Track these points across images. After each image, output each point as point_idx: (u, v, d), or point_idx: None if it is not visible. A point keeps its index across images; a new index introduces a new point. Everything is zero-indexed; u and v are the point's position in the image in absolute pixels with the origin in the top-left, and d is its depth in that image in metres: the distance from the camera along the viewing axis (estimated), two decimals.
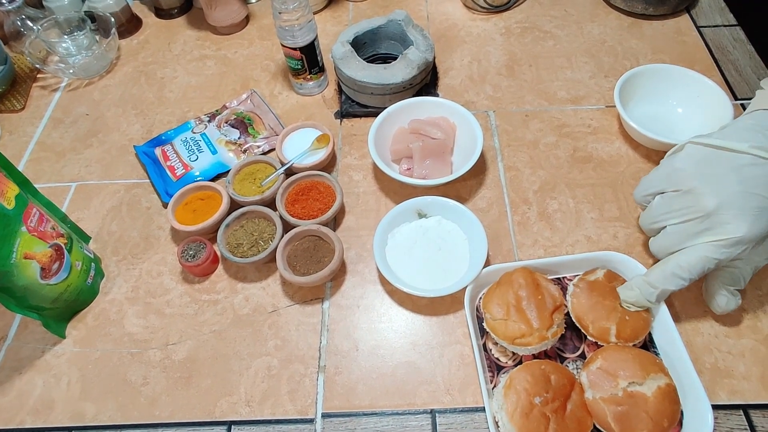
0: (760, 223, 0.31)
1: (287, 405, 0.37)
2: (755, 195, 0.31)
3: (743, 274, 0.35)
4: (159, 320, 0.42)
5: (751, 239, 0.31)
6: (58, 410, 0.38)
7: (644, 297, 0.34)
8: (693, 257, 0.33)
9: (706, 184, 0.32)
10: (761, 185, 0.31)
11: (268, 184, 0.46)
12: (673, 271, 0.33)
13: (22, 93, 0.60)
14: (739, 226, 0.31)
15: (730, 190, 0.32)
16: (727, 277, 0.35)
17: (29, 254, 0.36)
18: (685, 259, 0.33)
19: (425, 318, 0.41)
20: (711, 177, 0.32)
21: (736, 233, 0.31)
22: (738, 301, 0.36)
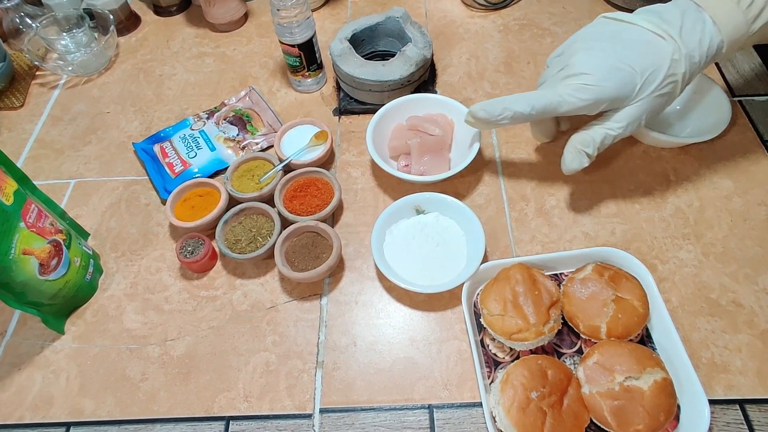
0: (612, 79, 0.33)
1: (285, 400, 0.37)
2: (617, 56, 0.34)
3: (594, 137, 0.36)
4: (157, 316, 0.42)
5: (597, 92, 0.34)
6: (57, 406, 0.38)
7: (487, 110, 0.37)
8: (545, 90, 0.36)
9: (586, 41, 0.36)
10: (628, 51, 0.34)
11: (266, 181, 0.46)
12: (525, 96, 0.36)
13: (21, 90, 0.60)
14: (589, 76, 0.34)
15: (599, 47, 0.35)
16: (580, 137, 0.37)
17: (28, 250, 0.36)
18: (540, 93, 0.36)
19: (423, 314, 0.41)
20: (593, 37, 0.36)
21: (586, 81, 0.34)
22: (583, 161, 0.37)
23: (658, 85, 0.34)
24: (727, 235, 0.43)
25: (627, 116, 0.35)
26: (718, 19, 0.33)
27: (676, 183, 0.47)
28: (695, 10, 0.34)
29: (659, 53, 0.33)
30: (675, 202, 0.45)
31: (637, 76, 0.33)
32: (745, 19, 0.33)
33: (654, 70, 0.33)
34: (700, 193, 0.46)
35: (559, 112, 0.35)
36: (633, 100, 0.34)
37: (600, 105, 0.35)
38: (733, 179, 0.46)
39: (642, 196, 0.46)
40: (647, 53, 0.33)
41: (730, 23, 0.33)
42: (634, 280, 0.37)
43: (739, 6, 0.33)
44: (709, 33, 0.33)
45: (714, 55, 0.34)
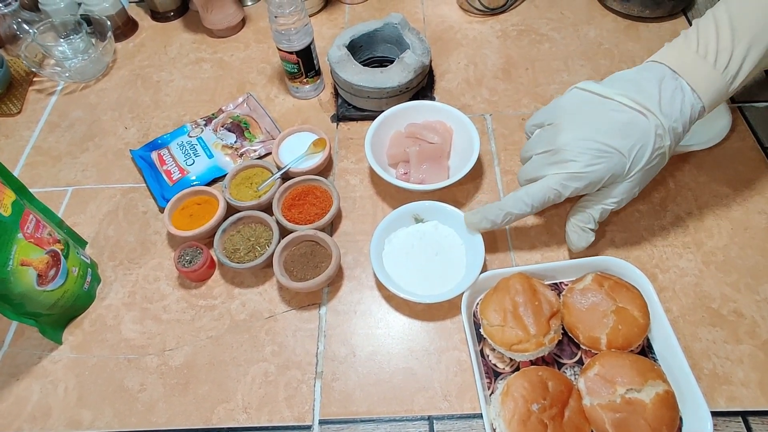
0: (596, 164, 0.34)
1: (284, 411, 0.37)
2: (602, 139, 0.33)
3: (593, 214, 0.37)
4: (156, 326, 0.42)
5: (588, 178, 0.34)
6: (55, 417, 0.38)
7: (488, 218, 0.38)
8: (538, 185, 0.36)
9: (569, 121, 0.35)
10: (610, 131, 0.33)
11: (264, 189, 0.46)
12: (520, 196, 0.36)
13: (18, 97, 0.59)
14: (577, 163, 0.34)
15: (583, 129, 0.34)
16: (579, 217, 0.38)
17: (26, 261, 0.36)
18: (533, 187, 0.36)
19: (422, 323, 0.40)
20: (577, 115, 0.35)
21: (572, 169, 0.34)
22: (589, 238, 0.38)
23: (647, 160, 0.34)
24: (728, 244, 0.43)
25: (621, 192, 0.35)
26: (697, 85, 0.33)
27: (676, 191, 0.46)
28: (672, 78, 0.33)
29: (643, 132, 0.33)
30: (675, 210, 0.45)
31: (625, 158, 0.33)
32: (724, 81, 0.33)
33: (641, 148, 0.33)
34: (699, 201, 0.45)
35: (556, 201, 0.36)
36: (625, 178, 0.35)
37: (594, 187, 0.35)
38: (732, 187, 0.46)
39: (641, 203, 0.46)
40: (631, 134, 0.33)
41: (710, 88, 0.33)
42: (635, 290, 0.37)
43: (716, 69, 0.32)
44: (690, 101, 0.33)
45: (696, 118, 0.34)
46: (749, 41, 0.32)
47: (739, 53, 0.32)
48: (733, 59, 0.32)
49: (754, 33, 0.32)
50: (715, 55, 0.32)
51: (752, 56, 0.32)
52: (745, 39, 0.32)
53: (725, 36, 0.32)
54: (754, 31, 0.32)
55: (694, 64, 0.33)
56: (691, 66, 0.33)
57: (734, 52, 0.32)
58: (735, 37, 0.32)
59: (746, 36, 0.32)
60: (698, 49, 0.33)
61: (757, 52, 0.32)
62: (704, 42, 0.33)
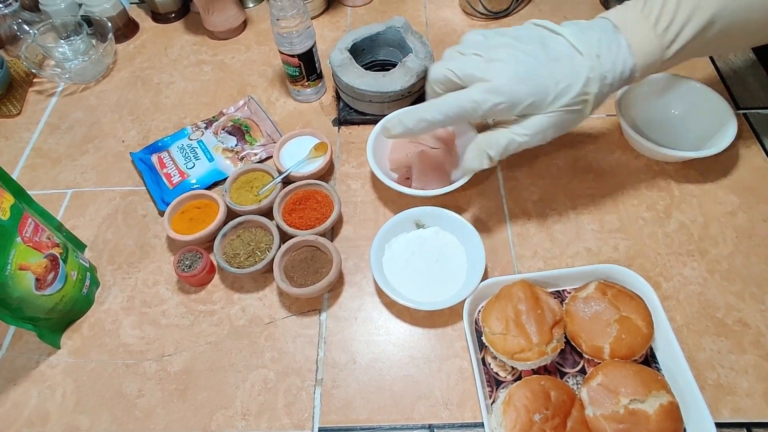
0: (521, 84, 0.33)
1: (284, 419, 0.37)
2: (536, 61, 0.33)
3: (499, 140, 0.35)
4: (154, 331, 0.42)
5: (509, 94, 0.33)
6: (52, 422, 0.38)
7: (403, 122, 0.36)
8: (455, 95, 0.35)
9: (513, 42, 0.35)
10: (545, 58, 0.33)
11: (265, 194, 0.46)
12: (436, 103, 0.35)
13: (18, 98, 0.59)
14: (503, 76, 0.33)
15: (521, 49, 0.34)
16: (485, 137, 0.36)
17: (24, 265, 0.36)
18: (450, 96, 0.35)
19: (423, 330, 0.40)
20: (518, 39, 0.35)
21: (497, 81, 0.33)
22: (484, 162, 0.36)
23: (570, 99, 0.33)
24: (733, 252, 0.42)
25: (534, 125, 0.34)
26: (633, 42, 0.33)
27: (680, 198, 0.46)
28: (613, 31, 0.34)
29: (576, 68, 0.33)
30: (679, 218, 0.45)
31: (551, 87, 0.33)
32: (660, 43, 0.33)
33: (568, 84, 0.33)
34: (704, 208, 0.45)
35: (473, 117, 0.35)
36: (544, 110, 0.34)
37: (512, 110, 0.34)
38: (737, 194, 0.46)
39: (645, 210, 0.45)
40: (565, 66, 0.33)
41: (645, 47, 0.33)
42: (638, 298, 0.36)
43: (655, 30, 0.33)
44: (623, 56, 0.34)
45: (627, 78, 0.35)
46: (693, 8, 0.33)
47: (681, 18, 0.33)
48: (674, 23, 0.33)
49: (699, 2, 0.33)
50: (658, 16, 0.33)
51: (693, 24, 0.33)
52: (690, 6, 0.33)
53: (672, 1, 0.33)
54: (701, 2, 0.33)
55: (635, 21, 0.34)
56: (632, 23, 0.34)
57: (676, 16, 0.33)
58: (681, 2, 0.33)
59: (692, 2, 0.33)
60: (643, 9, 0.34)
61: (700, 20, 0.33)
62: (652, 2, 0.34)
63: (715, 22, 0.33)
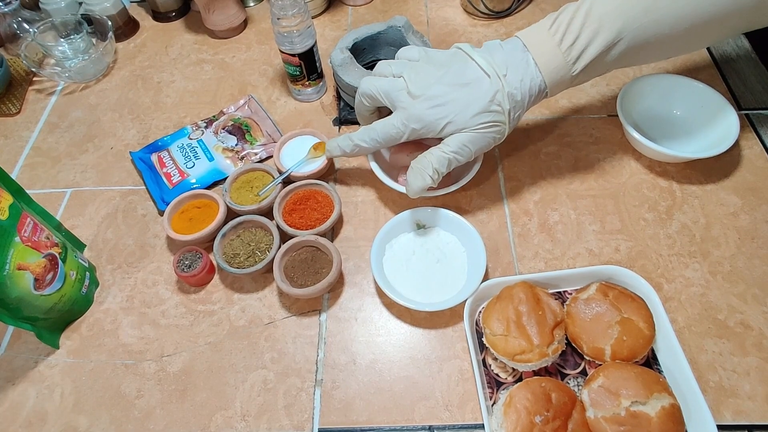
0: (433, 109, 0.36)
1: (283, 420, 0.37)
2: (443, 87, 0.36)
3: (431, 160, 0.38)
4: (154, 331, 0.41)
5: (424, 120, 0.37)
6: (51, 422, 0.38)
7: (340, 147, 0.42)
8: (383, 123, 0.39)
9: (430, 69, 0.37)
10: (455, 83, 0.36)
11: (265, 194, 0.46)
12: (368, 131, 0.40)
13: (18, 97, 0.59)
14: (419, 105, 0.37)
15: (435, 78, 0.37)
16: (418, 160, 0.39)
17: (23, 265, 0.36)
18: (379, 124, 0.39)
19: (424, 331, 0.40)
20: (437, 65, 0.38)
21: (412, 110, 0.37)
22: (426, 181, 0.39)
23: (482, 118, 0.36)
24: (735, 254, 0.42)
25: (457, 143, 0.37)
26: (539, 60, 0.35)
27: (682, 199, 0.46)
28: (521, 50, 0.36)
29: (483, 91, 0.36)
30: (681, 219, 0.45)
31: (461, 110, 0.36)
32: (565, 61, 0.35)
33: (477, 106, 0.36)
34: (706, 209, 0.45)
35: (400, 140, 0.39)
36: (463, 130, 0.37)
37: (433, 132, 0.37)
38: (740, 195, 0.45)
39: (647, 211, 0.45)
40: (474, 89, 0.36)
41: (551, 65, 0.35)
42: (640, 300, 0.36)
43: (560, 48, 0.34)
44: (530, 74, 0.35)
45: (537, 94, 0.36)
46: (597, 27, 0.34)
47: (585, 37, 0.34)
48: (578, 41, 0.34)
49: (605, 19, 0.34)
50: (563, 35, 0.34)
51: (598, 42, 0.34)
52: (595, 24, 0.34)
53: (578, 20, 0.34)
54: (607, 17, 0.33)
55: (542, 40, 0.35)
56: (539, 42, 0.35)
57: (580, 35, 0.34)
58: (587, 21, 0.34)
59: (596, 21, 0.34)
60: (551, 28, 0.35)
61: (604, 39, 0.34)
62: (559, 22, 0.35)
63: (621, 39, 0.34)
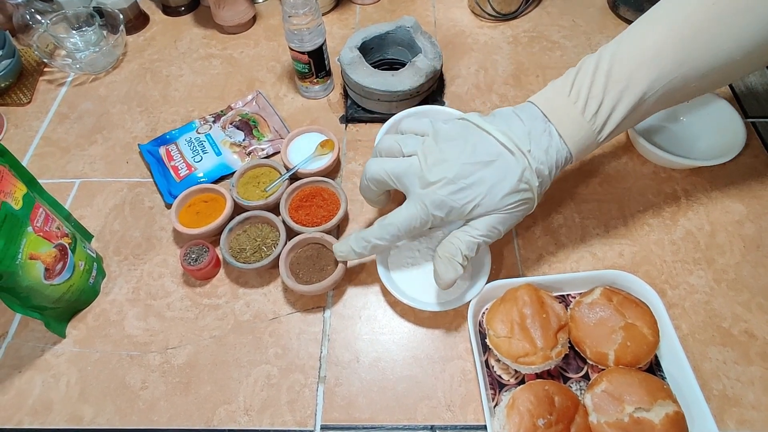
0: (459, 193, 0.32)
1: (286, 415, 0.37)
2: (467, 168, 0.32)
3: (459, 246, 0.34)
4: (159, 323, 0.42)
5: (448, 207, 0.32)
6: (56, 411, 0.38)
7: (354, 250, 0.37)
8: (401, 213, 0.34)
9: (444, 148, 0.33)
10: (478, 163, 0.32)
11: (272, 190, 0.46)
12: (381, 224, 0.35)
13: (29, 87, 0.59)
14: (432, 189, 0.33)
15: (454, 158, 0.33)
16: (444, 248, 0.35)
17: (34, 255, 0.36)
18: (398, 215, 0.35)
19: (427, 331, 0.40)
20: (452, 143, 0.33)
21: (426, 193, 0.33)
22: (458, 269, 0.34)
23: (510, 200, 0.32)
24: (740, 262, 0.42)
25: (483, 225, 0.33)
26: (563, 131, 0.32)
27: (687, 205, 0.46)
28: (543, 122, 0.32)
29: (509, 169, 0.32)
30: (685, 225, 0.45)
31: (488, 192, 0.32)
32: (591, 129, 0.32)
33: (504, 187, 0.32)
34: (711, 216, 0.45)
35: (424, 229, 0.35)
36: (490, 212, 0.33)
37: (458, 216, 0.34)
38: (745, 204, 0.45)
39: (651, 217, 0.45)
40: (498, 168, 0.32)
41: (577, 135, 0.32)
42: (644, 306, 0.36)
43: (584, 117, 0.31)
44: (556, 146, 0.32)
45: (563, 165, 0.33)
46: (621, 90, 0.30)
47: (609, 102, 0.31)
48: (602, 108, 0.31)
49: (631, 80, 0.30)
50: (585, 101, 0.31)
51: (623, 106, 0.31)
52: (618, 87, 0.30)
53: (599, 82, 0.31)
54: (633, 77, 0.30)
55: (563, 109, 0.32)
56: (560, 111, 0.32)
57: (604, 101, 0.31)
58: (608, 84, 0.31)
59: (620, 84, 0.30)
60: (570, 93, 0.32)
61: (629, 101, 0.31)
62: (578, 86, 0.32)
63: (647, 99, 0.31)
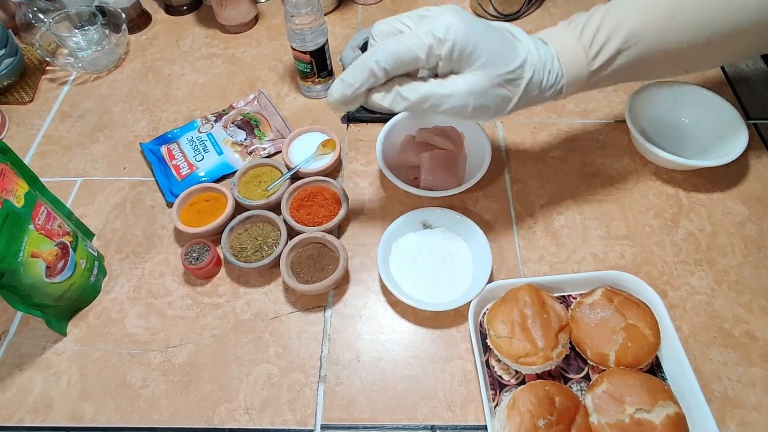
0: (463, 29, 0.30)
1: (287, 414, 0.37)
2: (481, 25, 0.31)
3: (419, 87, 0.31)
4: (160, 322, 0.42)
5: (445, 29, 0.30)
6: (57, 409, 0.38)
7: (345, 80, 0.31)
8: (402, 39, 0.31)
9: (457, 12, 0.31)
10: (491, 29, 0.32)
11: (273, 189, 0.46)
12: (377, 52, 0.30)
13: (31, 85, 0.59)
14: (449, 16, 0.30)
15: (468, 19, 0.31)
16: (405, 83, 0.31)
17: (36, 253, 0.36)
18: (396, 41, 0.31)
19: (428, 331, 0.40)
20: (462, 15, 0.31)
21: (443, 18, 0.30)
22: (393, 103, 0.31)
23: (508, 68, 0.31)
24: (741, 263, 0.42)
25: (461, 85, 0.31)
26: (560, 52, 0.34)
27: (689, 206, 0.46)
28: (543, 44, 0.35)
29: (516, 48, 0.32)
30: (687, 226, 0.45)
31: (492, 46, 0.31)
32: (585, 53, 0.34)
33: (508, 53, 0.32)
34: (712, 218, 0.45)
35: (421, 61, 0.31)
36: (479, 69, 0.31)
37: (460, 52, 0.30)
38: (747, 205, 0.45)
39: (653, 218, 0.45)
40: (508, 41, 0.32)
41: (571, 57, 0.34)
42: (645, 307, 0.36)
43: (580, 40, 0.34)
44: (551, 60, 0.34)
45: (553, 85, 0.34)
46: (617, 24, 0.34)
47: (605, 31, 0.34)
48: (598, 35, 0.34)
49: (626, 18, 0.34)
50: (582, 28, 0.34)
51: (618, 38, 0.34)
52: (614, 23, 0.34)
53: (597, 17, 0.34)
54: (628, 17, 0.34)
55: (562, 34, 0.35)
56: (558, 36, 0.35)
57: (600, 29, 0.34)
58: (606, 18, 0.34)
59: (616, 20, 0.34)
60: (569, 25, 0.35)
61: (624, 35, 0.34)
62: (576, 21, 0.35)
63: (640, 40, 0.34)
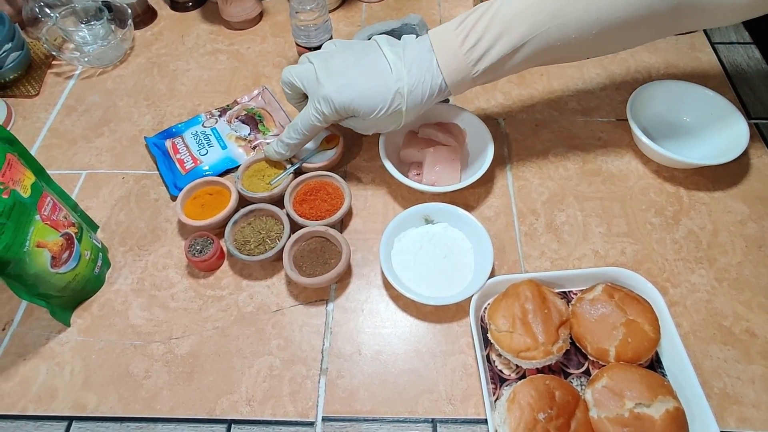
0: (334, 93, 0.38)
1: (288, 406, 0.37)
2: (353, 73, 0.38)
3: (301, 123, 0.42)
4: (163, 313, 0.42)
5: (324, 101, 0.38)
6: (60, 399, 0.38)
7: (275, 150, 0.44)
8: (301, 115, 0.41)
9: (344, 57, 0.39)
10: (364, 76, 0.37)
11: (276, 183, 0.46)
12: (289, 126, 0.42)
13: (37, 79, 0.60)
14: (321, 86, 0.38)
15: (343, 62, 0.38)
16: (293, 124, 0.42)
17: (42, 243, 0.37)
18: (298, 118, 0.41)
19: (429, 325, 0.40)
20: (351, 53, 0.39)
21: (316, 90, 0.38)
22: (286, 151, 0.44)
23: (382, 108, 0.38)
24: (741, 262, 0.42)
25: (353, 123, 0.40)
26: (441, 60, 0.36)
27: (689, 204, 0.46)
28: (428, 51, 0.37)
29: (387, 84, 0.37)
30: (687, 224, 0.45)
31: (366, 97, 0.38)
32: (466, 62, 0.35)
33: (379, 95, 0.37)
34: (713, 216, 0.45)
35: (324, 126, 0.41)
36: (363, 117, 0.39)
37: (340, 117, 0.40)
38: (748, 204, 0.46)
39: (654, 216, 0.45)
40: (379, 81, 0.37)
41: (452, 65, 0.36)
42: (646, 303, 0.36)
43: (461, 49, 0.35)
44: (432, 72, 0.36)
45: (437, 91, 0.37)
46: (502, 29, 0.34)
47: (489, 38, 0.34)
48: (481, 42, 0.35)
49: (512, 22, 0.34)
50: (466, 35, 0.35)
51: (501, 44, 0.34)
52: (500, 26, 0.34)
53: (485, 20, 0.35)
54: (514, 20, 0.34)
55: (446, 40, 0.36)
56: (443, 41, 0.36)
57: (484, 36, 0.35)
58: (492, 22, 0.34)
59: (502, 23, 0.34)
60: (457, 28, 0.36)
61: (508, 41, 0.34)
62: (466, 22, 0.35)
63: (527, 43, 0.35)
